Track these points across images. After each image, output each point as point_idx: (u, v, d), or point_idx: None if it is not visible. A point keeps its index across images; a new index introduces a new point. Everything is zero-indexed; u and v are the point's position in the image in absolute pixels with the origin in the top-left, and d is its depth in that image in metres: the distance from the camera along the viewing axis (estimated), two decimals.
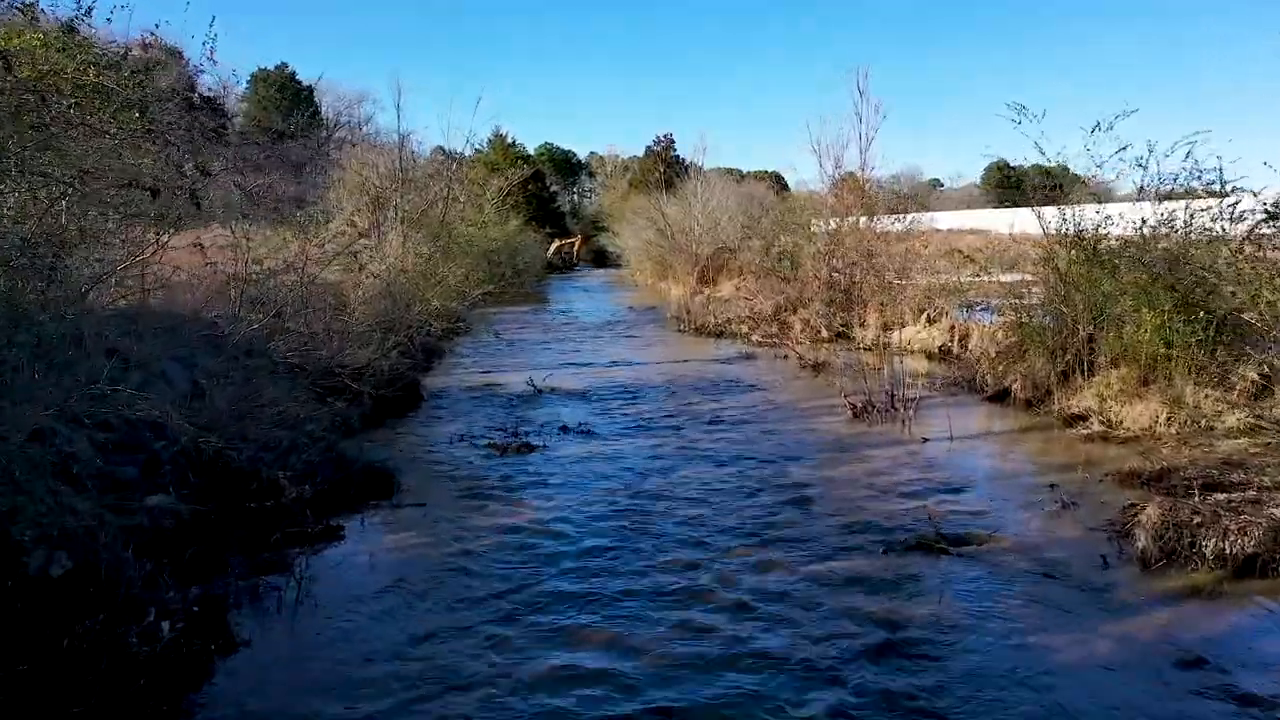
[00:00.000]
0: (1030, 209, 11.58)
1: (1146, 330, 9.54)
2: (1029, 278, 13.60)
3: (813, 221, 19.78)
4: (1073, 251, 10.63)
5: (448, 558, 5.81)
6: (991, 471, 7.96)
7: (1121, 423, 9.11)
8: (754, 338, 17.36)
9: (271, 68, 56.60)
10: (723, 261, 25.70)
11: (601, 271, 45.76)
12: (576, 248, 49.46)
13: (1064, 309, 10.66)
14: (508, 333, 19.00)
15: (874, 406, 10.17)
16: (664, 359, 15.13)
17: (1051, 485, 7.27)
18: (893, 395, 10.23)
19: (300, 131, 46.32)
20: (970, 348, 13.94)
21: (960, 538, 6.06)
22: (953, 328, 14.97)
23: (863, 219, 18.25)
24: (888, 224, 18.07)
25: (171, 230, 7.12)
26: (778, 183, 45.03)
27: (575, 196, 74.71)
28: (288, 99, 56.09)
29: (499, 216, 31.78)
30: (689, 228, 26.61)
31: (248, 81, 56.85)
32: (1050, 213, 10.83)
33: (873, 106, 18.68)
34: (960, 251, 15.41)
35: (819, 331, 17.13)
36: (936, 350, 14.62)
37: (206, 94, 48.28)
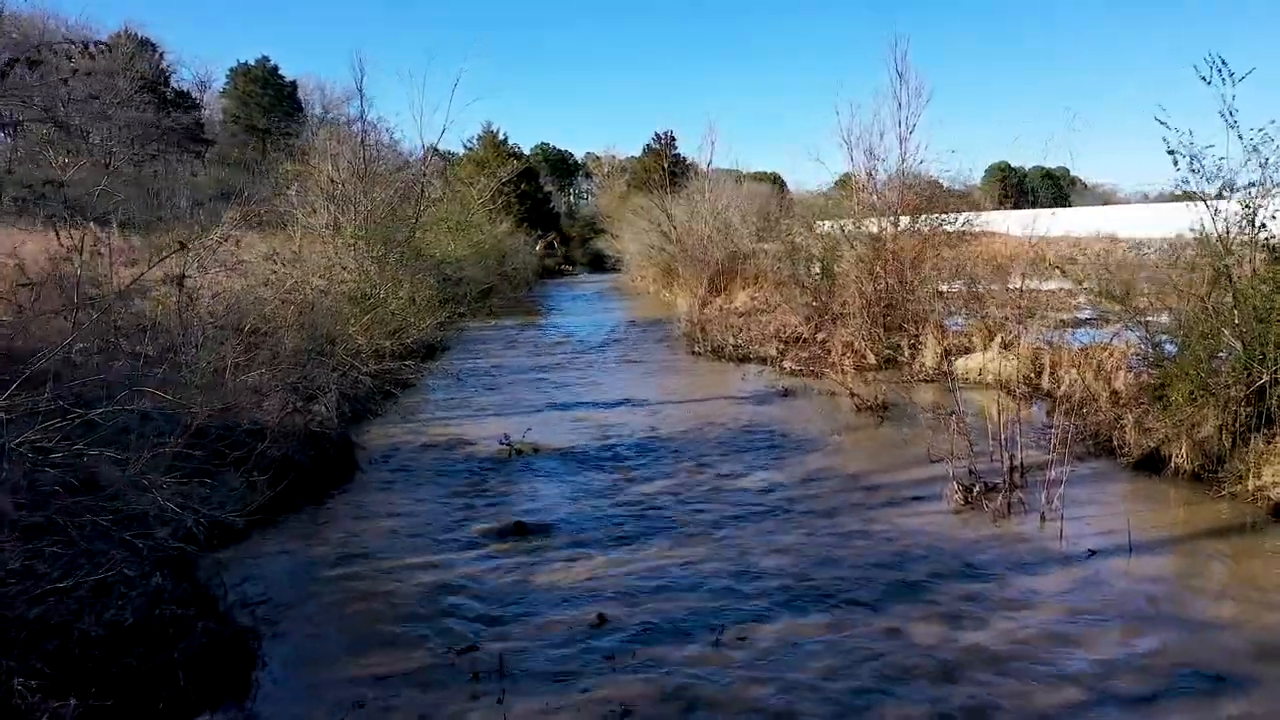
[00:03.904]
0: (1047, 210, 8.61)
1: None
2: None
3: (839, 222, 16.73)
4: (1262, 265, 7.63)
5: None
6: (1238, 631, 4.85)
7: None
8: (785, 364, 14.31)
9: (252, 61, 53.68)
10: (735, 268, 22.65)
11: (599, 277, 42.74)
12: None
13: (1240, 344, 7.69)
14: (489, 356, 15.96)
15: (988, 485, 7.18)
16: (679, 397, 12.01)
17: None
18: (1013, 466, 7.22)
19: (280, 128, 43.38)
20: (1064, 381, 10.94)
21: None
22: (1036, 355, 11.96)
23: (904, 219, 15.21)
24: (942, 223, 15.02)
25: None
26: (777, 184, 42.42)
27: (571, 198, 71.72)
28: (269, 94, 53.03)
29: (487, 218, 28.86)
30: (697, 229, 23.50)
31: (227, 75, 53.95)
32: (1232, 210, 7.79)
33: (913, 89, 15.50)
34: (1048, 260, 12.45)
35: (863, 356, 14.10)
36: (1021, 384, 11.59)
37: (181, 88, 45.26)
